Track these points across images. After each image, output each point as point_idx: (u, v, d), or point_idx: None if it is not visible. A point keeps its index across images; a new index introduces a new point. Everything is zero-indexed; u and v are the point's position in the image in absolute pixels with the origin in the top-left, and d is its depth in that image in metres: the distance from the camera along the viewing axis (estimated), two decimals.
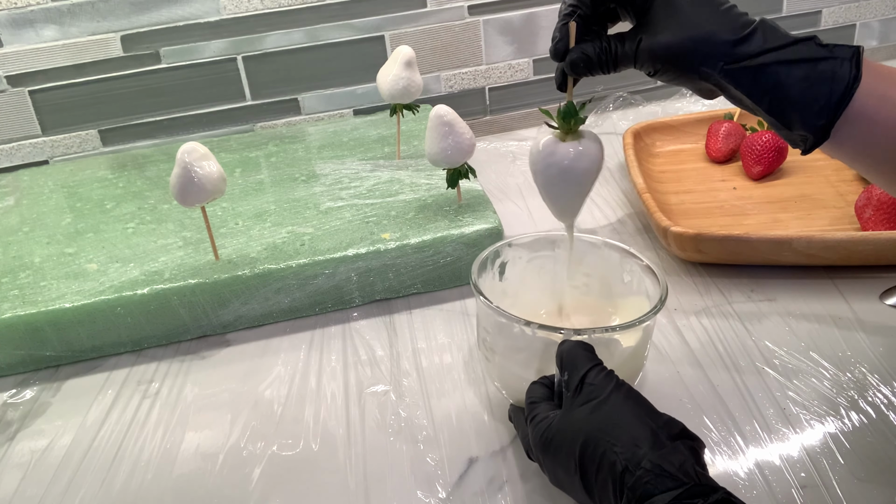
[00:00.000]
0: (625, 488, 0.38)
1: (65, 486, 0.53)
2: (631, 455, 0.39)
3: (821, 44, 0.44)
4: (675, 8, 0.45)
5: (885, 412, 0.52)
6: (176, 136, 1.05)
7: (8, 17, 0.94)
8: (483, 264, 0.56)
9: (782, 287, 0.66)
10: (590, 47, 0.47)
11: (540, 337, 0.48)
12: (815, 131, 0.44)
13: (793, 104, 0.44)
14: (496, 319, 0.50)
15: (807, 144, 0.45)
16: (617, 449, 0.39)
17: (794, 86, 0.43)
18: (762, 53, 0.43)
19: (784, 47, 0.43)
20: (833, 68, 0.43)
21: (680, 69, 0.46)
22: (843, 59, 0.43)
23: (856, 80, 0.43)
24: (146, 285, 0.66)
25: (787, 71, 0.43)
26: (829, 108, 0.43)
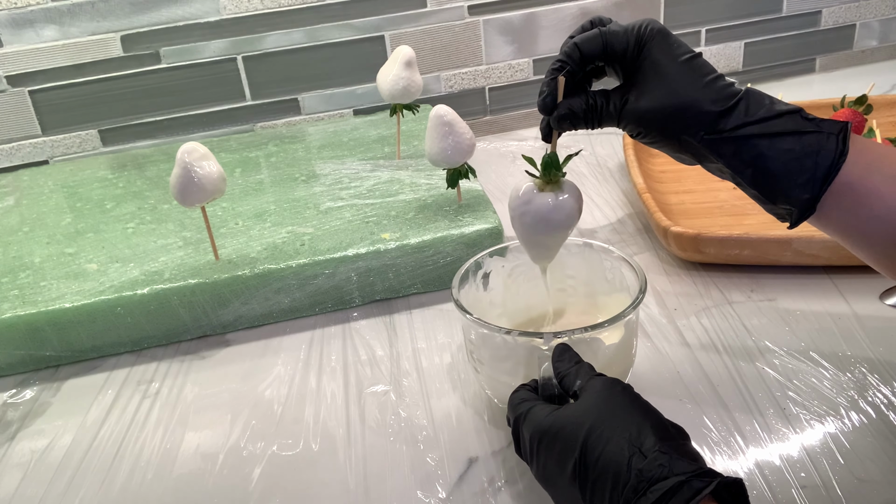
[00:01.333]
0: (631, 472, 0.37)
1: (65, 486, 0.53)
2: (642, 441, 0.38)
3: (807, 117, 0.43)
4: (662, 73, 0.45)
5: (885, 412, 0.52)
6: (176, 136, 1.05)
7: (8, 17, 0.94)
8: (465, 276, 0.55)
9: (782, 287, 0.66)
10: (577, 103, 0.47)
11: (522, 344, 0.48)
12: (801, 205, 0.43)
13: (777, 177, 0.43)
14: (479, 331, 0.50)
15: (792, 218, 0.44)
16: (626, 436, 0.39)
17: (778, 159, 0.43)
18: (745, 126, 0.43)
19: (768, 119, 0.43)
20: (819, 142, 0.42)
21: (661, 135, 0.46)
22: (829, 134, 0.43)
23: (842, 154, 0.42)
24: (146, 285, 0.66)
25: (770, 143, 0.43)
26: (814, 182, 0.43)
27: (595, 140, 1.00)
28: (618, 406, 0.41)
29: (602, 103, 0.47)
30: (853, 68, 1.25)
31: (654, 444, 0.38)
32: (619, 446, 0.38)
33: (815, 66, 1.24)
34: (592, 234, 0.79)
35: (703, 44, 1.18)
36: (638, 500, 0.36)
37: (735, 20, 1.18)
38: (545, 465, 0.42)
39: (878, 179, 0.42)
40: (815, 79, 1.23)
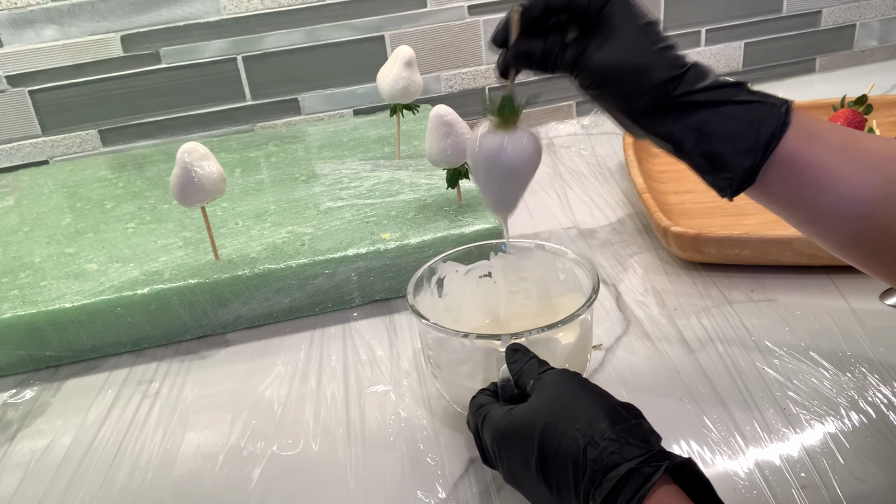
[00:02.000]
0: (587, 463, 0.38)
1: (65, 486, 0.53)
2: (593, 430, 0.39)
3: (750, 90, 0.44)
4: (622, 31, 0.45)
5: (885, 412, 0.52)
6: (176, 136, 1.05)
7: (8, 17, 0.94)
8: (419, 283, 0.55)
9: (782, 287, 0.66)
10: (535, 43, 0.47)
11: (480, 347, 0.48)
12: (741, 172, 0.43)
13: (719, 144, 0.43)
14: (436, 335, 0.50)
15: (732, 187, 0.44)
16: (578, 426, 0.39)
17: (722, 125, 0.43)
18: (691, 93, 0.44)
19: (714, 88, 0.44)
20: (762, 111, 0.43)
21: (613, 90, 0.46)
22: (772, 104, 0.43)
23: (784, 124, 0.42)
24: (146, 285, 0.66)
25: (714, 111, 0.43)
26: (756, 150, 0.43)
27: (595, 140, 1.00)
28: (569, 397, 0.42)
29: (559, 49, 0.47)
30: (853, 68, 1.25)
31: (606, 431, 0.38)
32: (573, 438, 0.39)
33: (815, 66, 1.24)
34: (592, 234, 0.79)
35: (703, 44, 1.18)
36: (595, 490, 0.37)
37: (735, 20, 1.18)
38: (510, 467, 0.43)
39: (822, 150, 0.42)
40: (815, 79, 1.23)
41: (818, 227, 0.45)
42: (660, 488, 0.37)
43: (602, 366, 0.59)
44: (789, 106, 0.43)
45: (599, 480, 0.37)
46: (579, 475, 0.38)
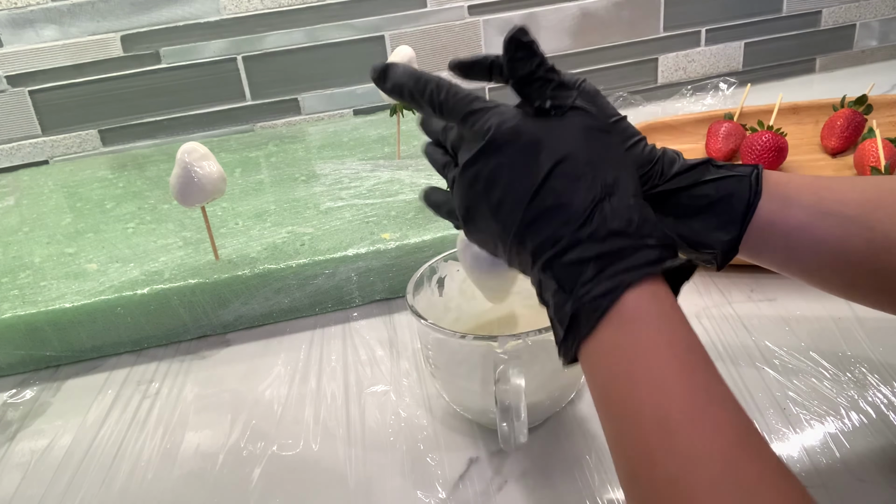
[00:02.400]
0: (594, 216, 0.35)
1: (65, 486, 0.53)
2: (617, 189, 0.36)
3: (717, 165, 0.44)
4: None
5: (885, 412, 0.52)
6: (176, 136, 1.05)
7: (8, 17, 0.94)
8: (419, 282, 0.55)
9: (782, 287, 0.66)
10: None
11: (477, 348, 0.48)
12: (722, 246, 0.44)
13: (695, 225, 0.44)
14: (434, 336, 0.50)
15: (717, 260, 0.45)
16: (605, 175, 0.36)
17: (694, 206, 0.44)
18: (661, 185, 0.44)
19: (681, 174, 0.44)
20: (731, 185, 0.43)
21: None
22: (741, 176, 0.43)
23: (756, 193, 0.43)
24: (146, 285, 0.66)
25: (686, 195, 0.44)
26: (732, 224, 0.43)
27: None
28: (608, 144, 0.38)
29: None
30: (853, 68, 1.25)
31: (627, 198, 0.36)
32: (591, 182, 0.36)
33: (815, 66, 1.24)
34: None
35: (703, 44, 1.18)
36: (594, 243, 0.35)
37: (735, 20, 1.18)
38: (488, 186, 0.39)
39: (798, 211, 0.43)
40: (815, 79, 1.23)
41: (812, 279, 0.45)
42: (654, 280, 0.35)
43: None
44: (759, 172, 0.43)
45: (602, 237, 0.35)
46: (570, 223, 0.36)
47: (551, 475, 0.49)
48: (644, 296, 0.34)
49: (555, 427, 0.53)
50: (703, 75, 1.21)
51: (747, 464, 0.30)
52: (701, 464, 0.30)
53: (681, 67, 1.19)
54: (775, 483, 0.29)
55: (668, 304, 0.35)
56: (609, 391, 0.34)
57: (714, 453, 0.30)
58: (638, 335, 0.34)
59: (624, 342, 0.34)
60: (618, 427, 0.34)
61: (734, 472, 0.29)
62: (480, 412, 0.52)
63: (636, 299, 0.34)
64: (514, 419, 0.45)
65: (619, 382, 0.34)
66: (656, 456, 0.31)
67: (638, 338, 0.34)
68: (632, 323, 0.34)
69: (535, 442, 0.52)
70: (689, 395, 0.32)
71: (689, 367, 0.33)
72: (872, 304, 0.46)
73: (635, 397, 0.33)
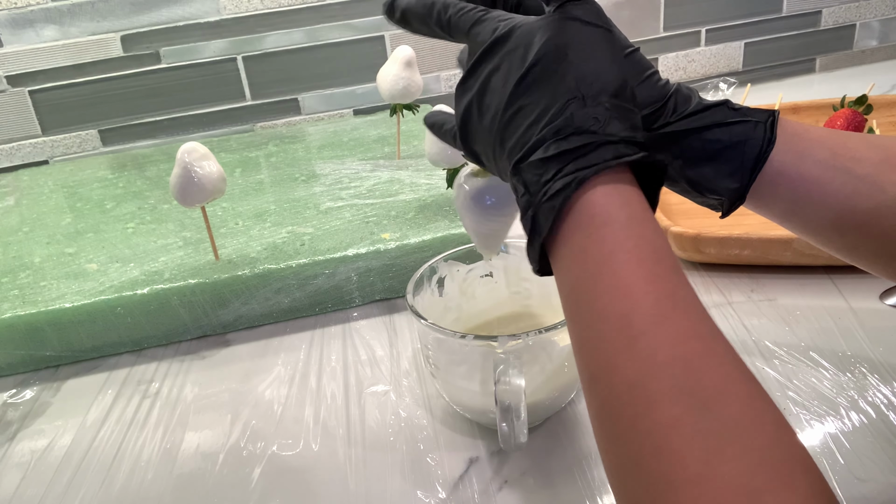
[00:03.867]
0: (562, 114, 0.35)
1: (65, 486, 0.53)
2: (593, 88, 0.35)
3: (733, 107, 0.43)
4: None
5: (885, 412, 0.52)
6: (176, 136, 1.05)
7: (8, 17, 0.94)
8: (419, 282, 0.55)
9: (782, 287, 0.66)
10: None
11: (477, 347, 0.48)
12: (730, 194, 0.43)
13: (705, 169, 0.43)
14: (434, 336, 0.50)
15: (723, 207, 0.44)
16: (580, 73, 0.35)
17: (706, 150, 0.43)
18: (673, 122, 0.43)
19: (695, 114, 0.43)
20: (746, 131, 0.42)
21: None
22: (756, 122, 0.42)
23: (770, 142, 0.42)
24: (146, 285, 0.66)
25: (698, 136, 0.43)
26: (743, 172, 0.42)
27: None
28: (591, 41, 0.37)
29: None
30: (853, 68, 1.25)
31: (602, 97, 0.35)
32: (569, 80, 0.35)
33: (815, 66, 1.24)
34: None
35: (703, 44, 1.18)
36: (557, 142, 0.34)
37: (735, 20, 1.18)
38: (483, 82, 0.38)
39: (812, 165, 0.42)
40: (815, 79, 1.23)
41: (815, 236, 0.45)
42: (617, 170, 0.34)
43: None
44: (774, 120, 0.42)
45: (566, 135, 0.34)
46: (543, 119, 0.35)
47: (551, 475, 0.49)
48: (612, 199, 0.33)
49: (555, 427, 0.53)
50: (703, 75, 1.21)
51: (710, 372, 0.29)
52: (662, 369, 0.29)
53: (681, 67, 1.19)
54: (737, 392, 0.28)
55: (638, 208, 0.34)
56: (575, 296, 0.34)
57: (676, 359, 0.29)
58: (604, 239, 0.33)
59: (590, 246, 0.33)
60: (581, 332, 0.33)
61: (696, 380, 0.28)
62: (480, 412, 0.52)
63: (604, 202, 0.33)
64: (514, 419, 0.45)
65: (585, 287, 0.33)
66: (617, 360, 0.30)
67: (604, 242, 0.33)
68: (599, 227, 0.33)
69: (535, 442, 0.52)
70: (653, 300, 0.31)
71: (656, 273, 0.32)
72: (869, 267, 0.45)
73: (599, 302, 0.32)
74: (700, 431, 0.27)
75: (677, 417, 0.28)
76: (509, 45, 0.38)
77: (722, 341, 0.30)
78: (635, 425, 0.29)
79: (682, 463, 0.27)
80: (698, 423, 0.27)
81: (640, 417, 0.29)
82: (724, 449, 0.27)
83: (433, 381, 0.55)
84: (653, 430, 0.28)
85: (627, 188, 0.34)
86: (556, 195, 0.34)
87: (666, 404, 0.28)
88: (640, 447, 0.28)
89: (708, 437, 0.27)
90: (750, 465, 0.26)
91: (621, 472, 0.30)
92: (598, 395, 0.31)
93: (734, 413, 0.28)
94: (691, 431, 0.27)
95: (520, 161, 0.36)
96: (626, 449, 0.29)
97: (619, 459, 0.30)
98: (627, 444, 0.29)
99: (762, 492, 0.26)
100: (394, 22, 0.44)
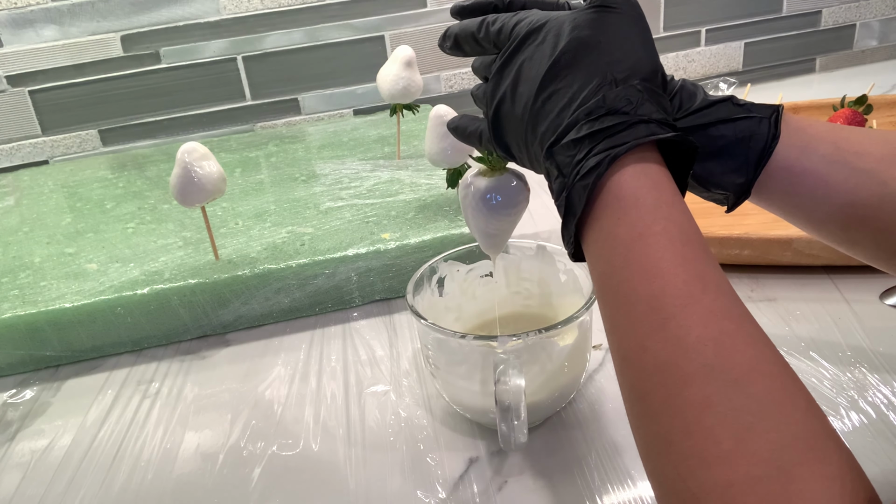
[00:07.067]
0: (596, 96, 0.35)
1: (65, 486, 0.53)
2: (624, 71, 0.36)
3: (738, 103, 0.43)
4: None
5: (885, 412, 0.52)
6: (176, 136, 1.05)
7: (8, 17, 0.94)
8: (419, 282, 0.55)
9: (782, 287, 0.66)
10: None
11: (477, 347, 0.48)
12: (735, 189, 0.43)
13: (710, 165, 0.43)
14: (434, 336, 0.50)
15: (729, 202, 0.44)
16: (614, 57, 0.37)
17: (712, 146, 0.43)
18: (679, 119, 0.43)
19: (701, 110, 0.43)
20: (751, 127, 0.43)
21: None
22: (761, 118, 0.43)
23: (774, 137, 0.42)
24: (146, 285, 0.66)
25: (703, 133, 0.43)
26: (748, 167, 0.43)
27: None
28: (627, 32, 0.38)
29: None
30: (853, 68, 1.25)
31: (633, 80, 0.36)
32: (601, 64, 0.36)
33: (815, 66, 1.24)
34: None
35: (703, 44, 1.18)
36: (590, 122, 0.35)
37: (735, 20, 1.18)
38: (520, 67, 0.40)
39: (816, 160, 0.42)
40: (815, 79, 1.23)
41: (818, 230, 0.45)
42: (648, 152, 0.35)
43: (602, 366, 0.59)
44: (779, 115, 0.43)
45: (598, 116, 0.35)
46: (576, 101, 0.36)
47: (551, 475, 0.49)
48: (642, 180, 0.34)
49: (555, 427, 0.53)
50: (703, 75, 1.21)
51: (740, 352, 0.29)
52: (692, 350, 0.29)
53: (681, 67, 1.19)
54: (768, 370, 0.29)
55: (667, 190, 0.35)
56: (607, 279, 0.34)
57: (706, 340, 0.29)
58: (633, 222, 0.33)
59: (619, 229, 0.34)
60: (613, 314, 0.33)
61: (726, 360, 0.29)
62: (480, 412, 0.52)
63: (633, 184, 0.34)
64: (514, 419, 0.45)
65: (615, 270, 0.33)
66: (648, 342, 0.31)
67: (633, 225, 0.33)
68: (628, 210, 0.34)
69: (535, 442, 0.52)
70: (683, 282, 0.31)
71: (685, 255, 0.32)
72: (872, 261, 0.45)
73: (630, 284, 0.32)
74: (731, 409, 0.28)
75: (708, 396, 0.28)
76: (541, 36, 0.39)
77: (751, 321, 0.31)
78: (667, 405, 0.29)
79: (714, 440, 0.27)
80: (729, 401, 0.28)
81: (671, 397, 0.29)
82: (756, 425, 0.27)
83: (433, 381, 0.55)
84: (684, 408, 0.28)
85: (657, 169, 0.35)
86: (589, 174, 0.34)
87: (697, 383, 0.28)
88: (672, 426, 0.29)
89: (739, 414, 0.27)
90: (782, 441, 0.27)
91: (653, 451, 0.30)
92: (629, 376, 0.32)
93: (765, 390, 0.28)
94: (723, 409, 0.28)
95: (553, 144, 0.37)
96: (657, 428, 0.30)
97: (651, 438, 0.30)
98: (659, 423, 0.30)
99: (794, 465, 0.26)
100: (447, 50, 0.46)
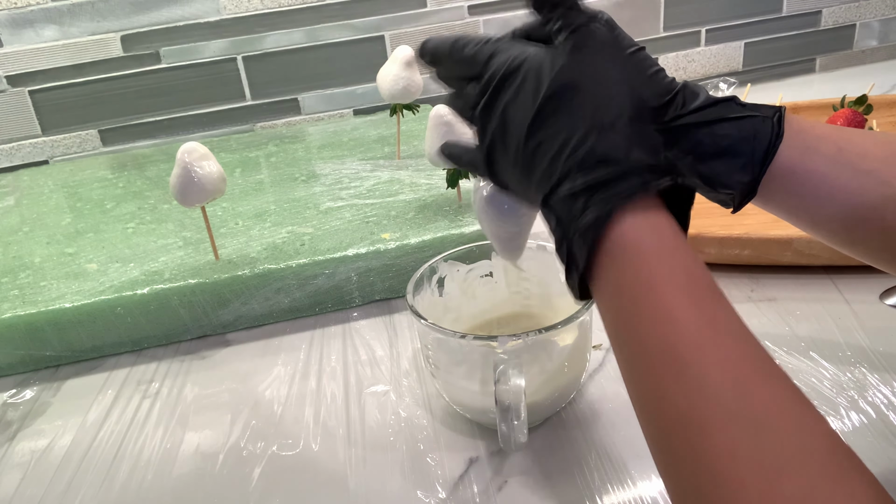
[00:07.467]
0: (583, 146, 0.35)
1: (65, 486, 0.53)
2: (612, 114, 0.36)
3: (741, 103, 0.43)
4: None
5: (885, 412, 0.52)
6: (176, 136, 1.05)
7: (8, 17, 0.94)
8: (419, 282, 0.55)
9: (782, 287, 0.66)
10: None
11: (477, 347, 0.48)
12: (741, 188, 0.43)
13: (715, 163, 0.43)
14: (434, 336, 0.50)
15: (735, 202, 0.44)
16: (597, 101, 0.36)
17: (716, 145, 0.43)
18: (682, 116, 0.43)
19: (704, 108, 0.43)
20: (755, 126, 0.42)
21: None
22: (764, 118, 0.43)
23: (778, 136, 0.42)
24: (146, 285, 0.66)
25: (708, 131, 0.43)
26: (753, 165, 0.42)
27: None
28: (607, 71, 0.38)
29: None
30: (853, 68, 1.25)
31: (619, 123, 0.36)
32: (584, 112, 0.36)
33: (815, 66, 1.24)
34: None
35: (703, 44, 1.18)
36: (584, 173, 0.35)
37: (735, 20, 1.18)
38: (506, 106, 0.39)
39: (819, 161, 0.42)
40: (815, 79, 1.23)
41: (820, 231, 0.45)
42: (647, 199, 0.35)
43: (602, 366, 0.59)
44: (782, 115, 0.43)
45: (590, 166, 0.35)
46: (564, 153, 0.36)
47: (551, 475, 0.49)
48: (642, 228, 0.34)
49: (555, 427, 0.53)
50: (703, 75, 1.21)
51: (759, 392, 0.29)
52: (711, 396, 0.29)
53: (681, 67, 1.19)
54: (789, 410, 0.28)
55: (668, 234, 0.34)
56: (619, 329, 0.34)
57: (724, 384, 0.29)
58: (638, 270, 0.33)
59: (625, 279, 0.34)
60: (629, 365, 0.33)
61: (747, 403, 0.28)
62: (480, 412, 0.52)
63: (634, 232, 0.34)
64: (513, 419, 0.45)
65: (627, 320, 0.33)
66: (666, 391, 0.30)
67: (638, 273, 0.33)
68: (632, 259, 0.34)
69: (535, 442, 0.52)
70: (695, 327, 0.31)
71: (694, 299, 0.32)
72: (875, 261, 0.45)
73: (642, 333, 0.32)
74: (756, 453, 0.27)
75: (731, 441, 0.28)
76: (520, 77, 0.39)
77: (766, 359, 0.31)
78: (691, 453, 0.29)
79: (742, 486, 0.27)
80: (753, 445, 0.27)
81: (694, 446, 0.29)
82: (783, 467, 0.27)
83: (433, 381, 0.55)
84: (710, 457, 0.28)
85: (656, 214, 0.35)
86: (588, 230, 0.35)
87: (719, 430, 0.28)
88: (698, 476, 0.29)
89: (765, 458, 0.27)
90: (810, 480, 0.26)
91: (684, 501, 0.30)
92: (651, 424, 0.32)
93: (787, 430, 0.28)
94: (747, 454, 0.27)
95: (549, 193, 0.37)
96: (685, 477, 0.29)
97: (679, 487, 0.30)
98: (685, 472, 0.29)
99: None
100: (427, 64, 0.46)
